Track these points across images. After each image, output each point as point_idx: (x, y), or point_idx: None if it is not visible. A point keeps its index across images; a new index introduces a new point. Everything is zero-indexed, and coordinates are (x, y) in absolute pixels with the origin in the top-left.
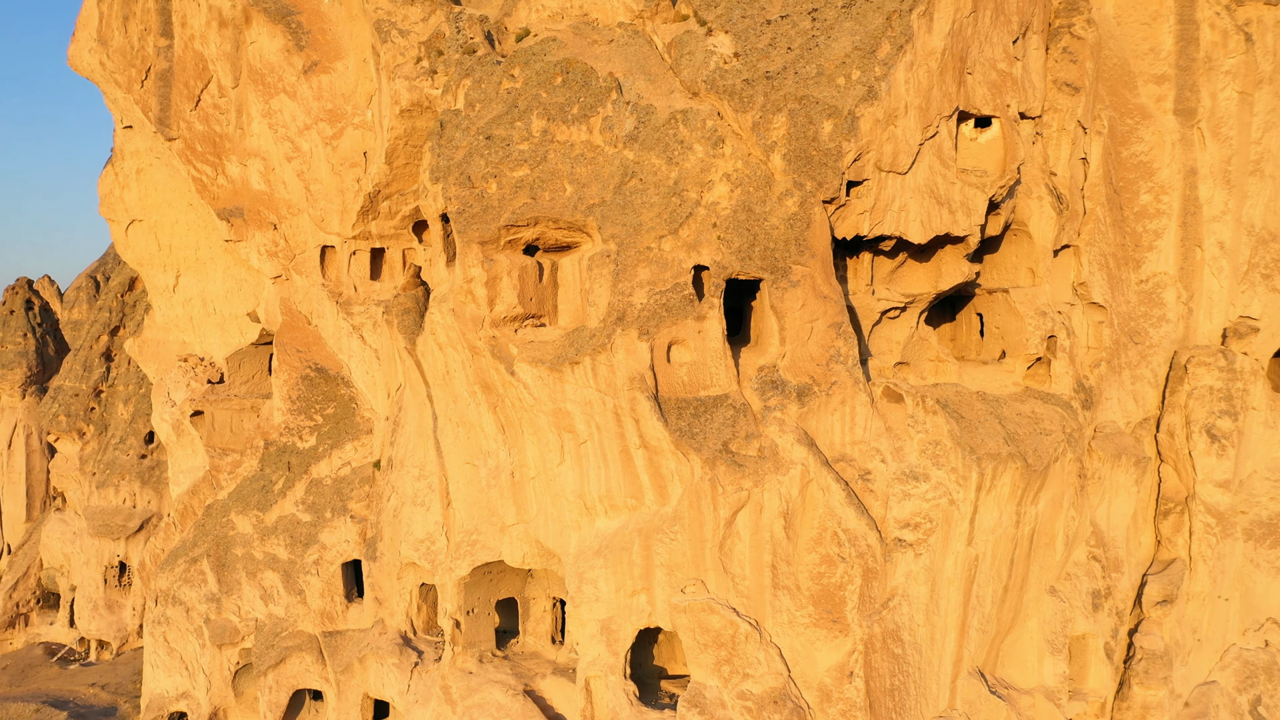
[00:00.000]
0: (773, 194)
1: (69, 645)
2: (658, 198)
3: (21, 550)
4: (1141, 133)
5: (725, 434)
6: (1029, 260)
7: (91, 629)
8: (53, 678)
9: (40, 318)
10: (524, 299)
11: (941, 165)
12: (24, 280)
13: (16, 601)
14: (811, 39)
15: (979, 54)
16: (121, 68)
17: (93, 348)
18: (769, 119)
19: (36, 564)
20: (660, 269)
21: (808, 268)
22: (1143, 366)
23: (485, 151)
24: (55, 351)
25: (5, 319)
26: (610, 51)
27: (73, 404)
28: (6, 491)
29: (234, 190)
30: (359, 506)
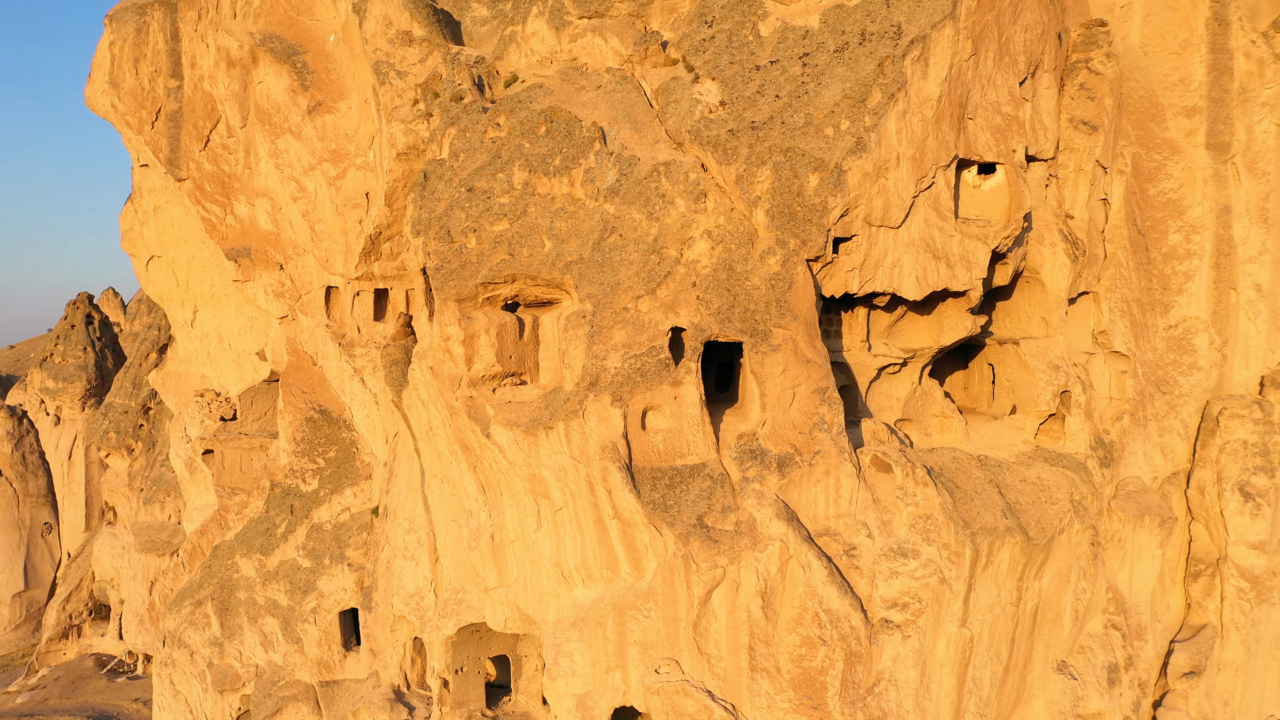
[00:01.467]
0: (755, 252)
1: (118, 657)
2: (637, 255)
3: (75, 563)
4: (1170, 169)
5: (701, 507)
6: (1042, 309)
7: (138, 643)
8: (100, 690)
9: (100, 331)
10: (502, 357)
11: (938, 217)
12: (84, 295)
13: (70, 613)
14: (801, 86)
15: (981, 98)
16: (133, 109)
17: (142, 365)
18: (753, 172)
19: (89, 576)
20: (636, 331)
21: (789, 331)
22: (1171, 418)
23: (466, 204)
24: (114, 365)
25: (66, 333)
26: (597, 98)
27: (122, 420)
28: (67, 501)
29: (242, 230)
30: (356, 554)
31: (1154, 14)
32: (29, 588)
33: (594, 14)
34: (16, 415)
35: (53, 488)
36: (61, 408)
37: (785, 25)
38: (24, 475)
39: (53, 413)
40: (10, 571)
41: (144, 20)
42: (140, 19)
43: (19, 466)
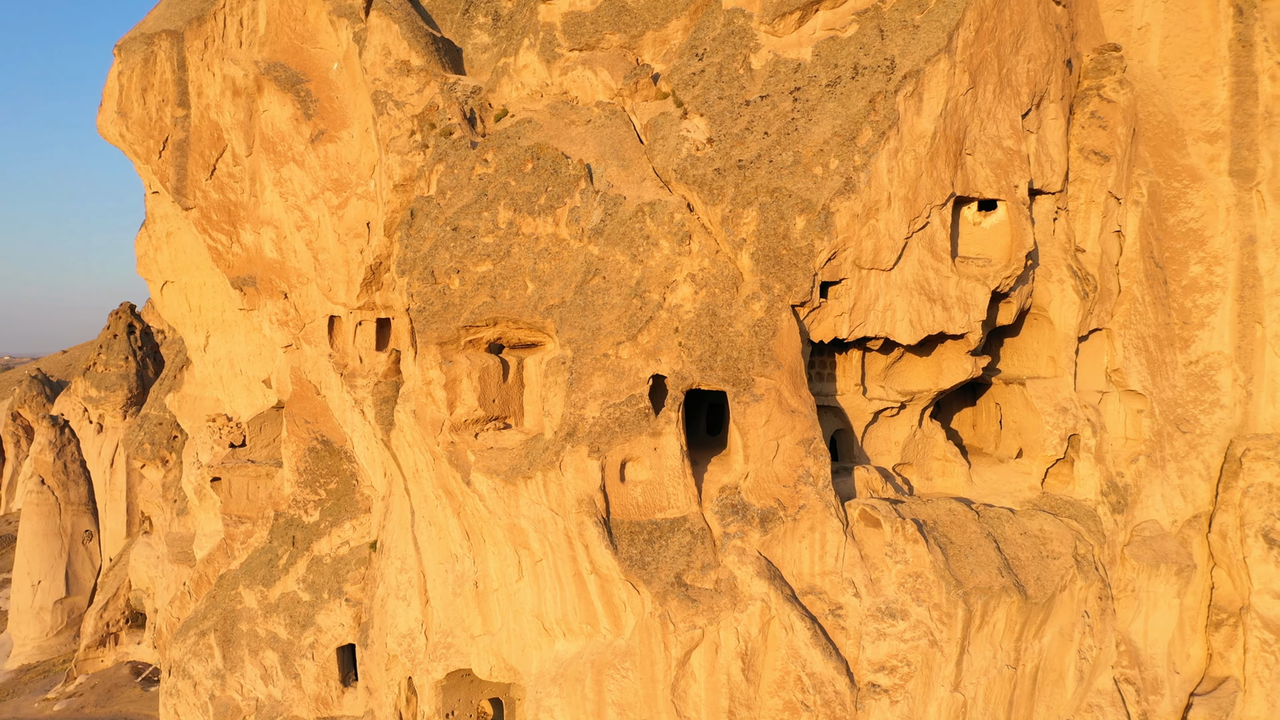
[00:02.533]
0: (739, 296)
1: (154, 665)
2: (619, 298)
3: (113, 571)
4: (1191, 197)
5: (680, 564)
6: (1050, 348)
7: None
8: (134, 699)
9: (141, 341)
10: (485, 401)
11: (933, 259)
12: (127, 305)
13: (107, 621)
14: (790, 122)
15: (980, 132)
16: (140, 139)
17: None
18: (739, 213)
19: (126, 585)
20: (616, 378)
21: (772, 380)
22: (1192, 458)
23: (451, 244)
24: (154, 374)
25: (109, 343)
26: (586, 134)
27: (156, 432)
28: (109, 509)
29: (248, 258)
30: (354, 589)
31: (1174, 36)
32: (70, 594)
33: (585, 46)
34: (58, 425)
35: (93, 496)
36: (104, 416)
37: (777, 58)
38: (65, 484)
39: (95, 420)
40: (52, 578)
41: (151, 50)
42: (148, 49)
43: (60, 475)
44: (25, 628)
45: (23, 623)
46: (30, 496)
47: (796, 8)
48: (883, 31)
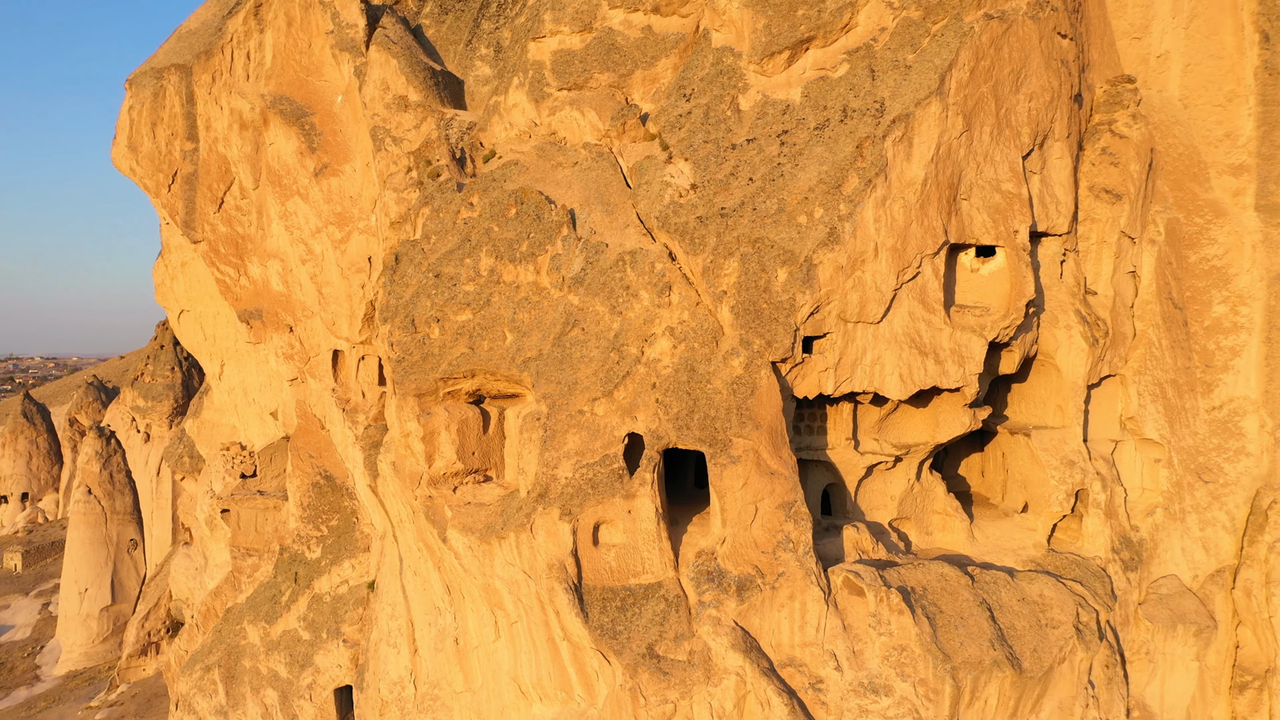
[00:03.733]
0: (719, 352)
1: None
2: (597, 351)
3: (154, 581)
4: (1214, 233)
5: (652, 634)
6: (1057, 396)
7: None
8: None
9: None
10: (464, 454)
11: (925, 310)
12: None
13: (148, 630)
14: (776, 167)
15: (977, 176)
16: (150, 173)
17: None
18: (720, 264)
19: (166, 595)
20: (591, 437)
21: (750, 441)
22: (1215, 509)
23: (433, 291)
24: (199, 384)
25: (156, 353)
26: (572, 176)
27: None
28: (155, 517)
29: (255, 291)
30: (352, 630)
31: (1195, 64)
32: (115, 602)
33: (573, 85)
34: (105, 436)
35: (138, 505)
36: (151, 425)
37: (766, 99)
38: (111, 493)
39: (143, 430)
40: (98, 586)
41: (161, 84)
42: (157, 83)
43: (106, 485)
44: (72, 634)
45: (70, 629)
46: (77, 506)
47: (785, 47)
48: (874, 72)
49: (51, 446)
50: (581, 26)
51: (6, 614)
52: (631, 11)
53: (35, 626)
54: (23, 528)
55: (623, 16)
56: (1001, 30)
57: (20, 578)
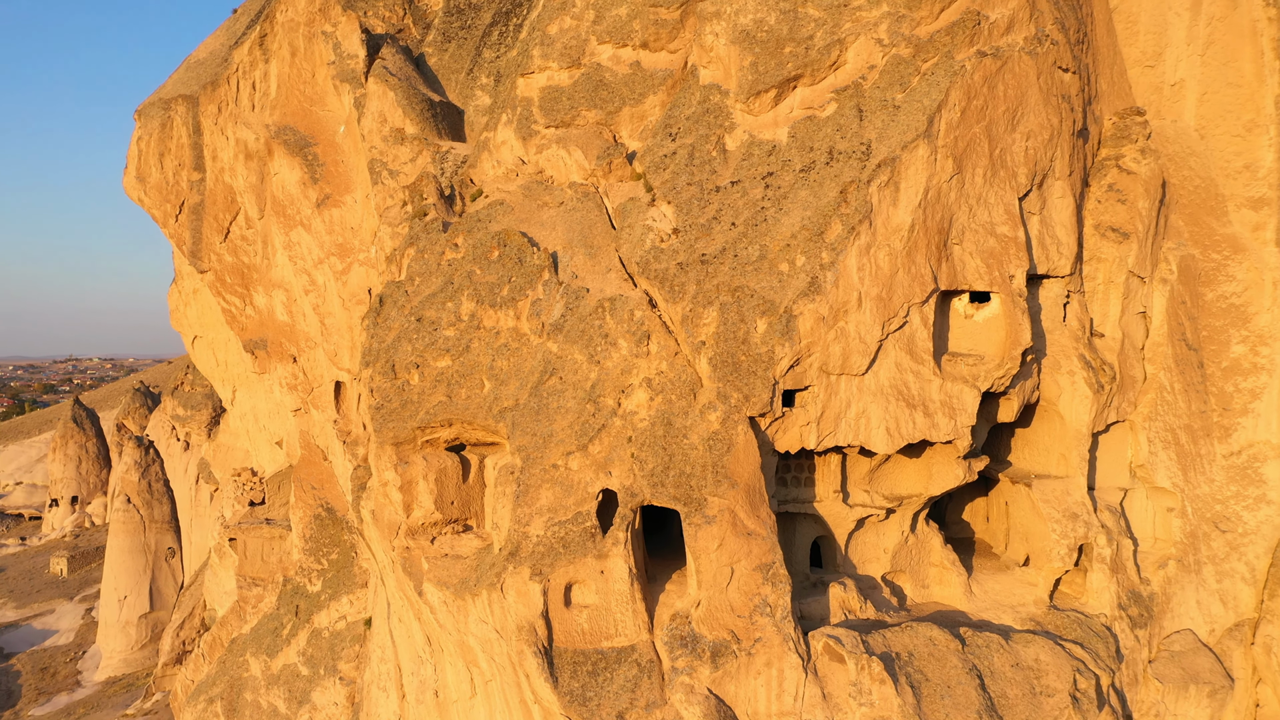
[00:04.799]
0: (696, 405)
1: None
2: (574, 402)
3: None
4: (1232, 269)
5: (623, 701)
6: (1060, 444)
7: None
8: None
9: None
10: (443, 504)
11: (913, 361)
12: None
13: (183, 639)
14: (760, 211)
15: (969, 220)
16: (158, 203)
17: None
18: (699, 313)
19: (201, 604)
20: (564, 493)
21: (726, 500)
22: (1234, 560)
23: (414, 336)
24: None
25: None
26: (557, 217)
27: None
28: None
29: (260, 321)
30: (348, 667)
31: (1212, 92)
32: (154, 609)
33: (560, 123)
34: (143, 445)
35: (176, 514)
36: (190, 434)
37: (752, 139)
38: (150, 502)
39: (182, 438)
40: (137, 593)
41: (168, 115)
42: (165, 114)
43: (145, 494)
44: (112, 641)
45: (110, 636)
46: (117, 514)
47: (772, 85)
48: (862, 111)
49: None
50: (570, 62)
51: (51, 619)
52: (620, 47)
53: (78, 632)
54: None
55: (611, 52)
56: (995, 67)
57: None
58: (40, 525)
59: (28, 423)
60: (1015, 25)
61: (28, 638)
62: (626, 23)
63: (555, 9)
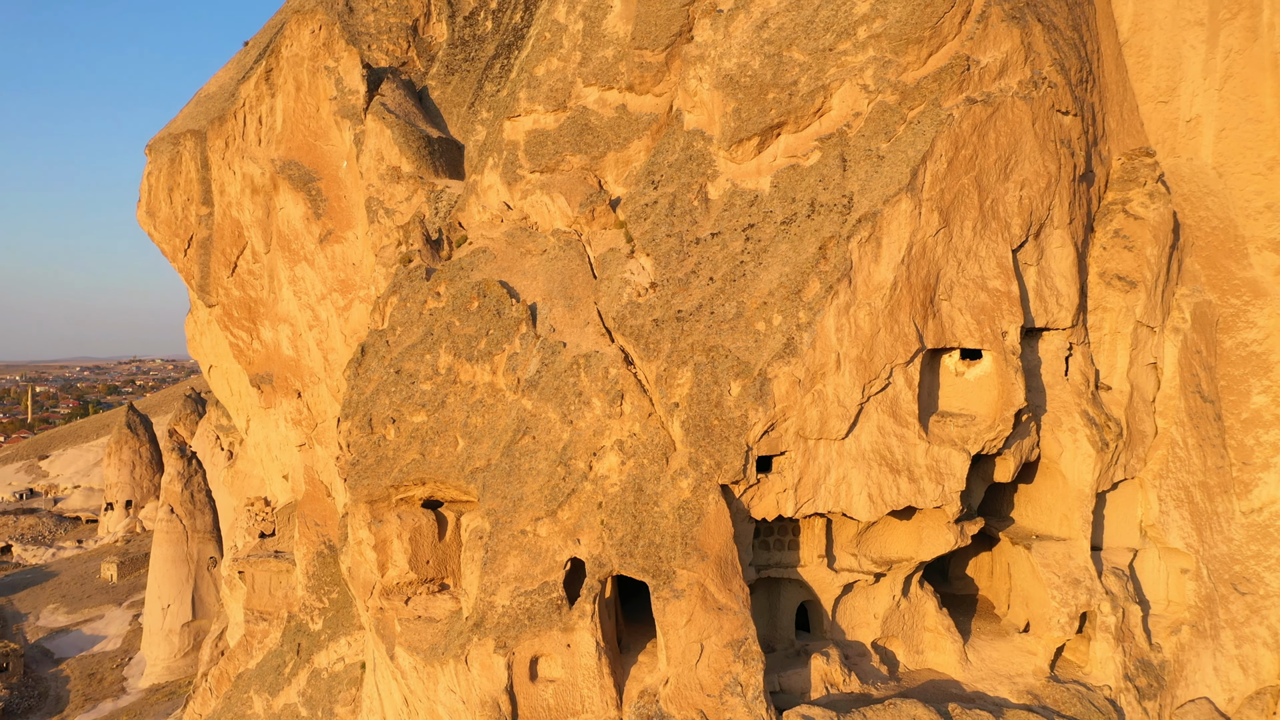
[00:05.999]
0: (668, 470)
1: None
2: (545, 464)
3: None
4: (1253, 315)
5: None
6: (1062, 504)
7: None
8: None
9: None
10: (418, 563)
11: (896, 424)
12: None
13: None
14: (739, 266)
15: (958, 274)
16: (167, 237)
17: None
18: (673, 373)
19: None
20: (532, 561)
21: (695, 573)
22: (1254, 623)
23: (392, 389)
24: None
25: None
26: (539, 265)
27: None
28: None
29: (267, 355)
30: (345, 711)
31: (1231, 128)
32: (196, 618)
33: (545, 168)
34: (186, 456)
35: (218, 524)
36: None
37: (735, 188)
38: (192, 512)
39: (225, 448)
40: (180, 602)
41: (177, 150)
42: (174, 149)
43: (188, 504)
44: (156, 649)
45: (154, 644)
46: (160, 524)
47: (755, 133)
48: (845, 161)
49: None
50: (556, 105)
51: (100, 624)
52: (606, 89)
53: (125, 638)
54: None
55: (597, 95)
56: (986, 115)
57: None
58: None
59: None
60: (1009, 69)
61: (77, 643)
62: (612, 65)
63: (543, 50)
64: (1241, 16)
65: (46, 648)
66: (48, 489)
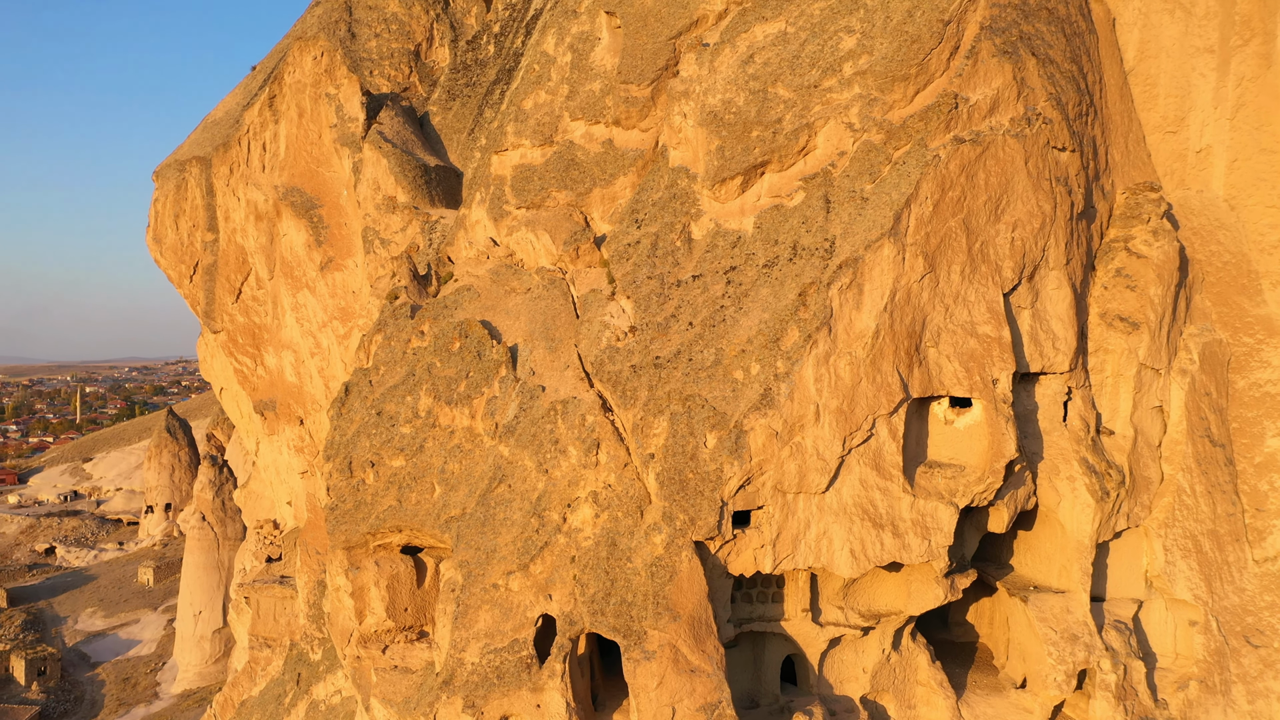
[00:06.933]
0: (642, 524)
1: None
2: (520, 515)
3: None
4: (1267, 354)
5: None
6: (1060, 554)
7: None
8: None
9: None
10: (395, 611)
11: (879, 477)
12: None
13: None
14: (719, 310)
15: (945, 320)
16: (173, 264)
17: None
18: (649, 422)
19: None
20: (503, 616)
21: (667, 634)
22: (1268, 677)
23: (373, 431)
24: None
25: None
26: (522, 305)
27: None
28: None
29: (270, 381)
30: None
31: (1244, 159)
32: (226, 625)
33: (531, 204)
34: (217, 464)
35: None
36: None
37: (718, 228)
38: (223, 520)
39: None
40: (211, 609)
41: (183, 177)
42: (180, 175)
43: (219, 512)
44: (188, 655)
45: (186, 650)
46: (192, 532)
47: (738, 172)
48: (829, 203)
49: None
50: (543, 140)
51: (136, 629)
52: (593, 124)
53: (160, 643)
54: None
55: (584, 129)
56: (975, 155)
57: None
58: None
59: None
60: (1000, 106)
61: (113, 647)
62: (599, 99)
63: (531, 82)
64: (1254, 43)
65: (84, 651)
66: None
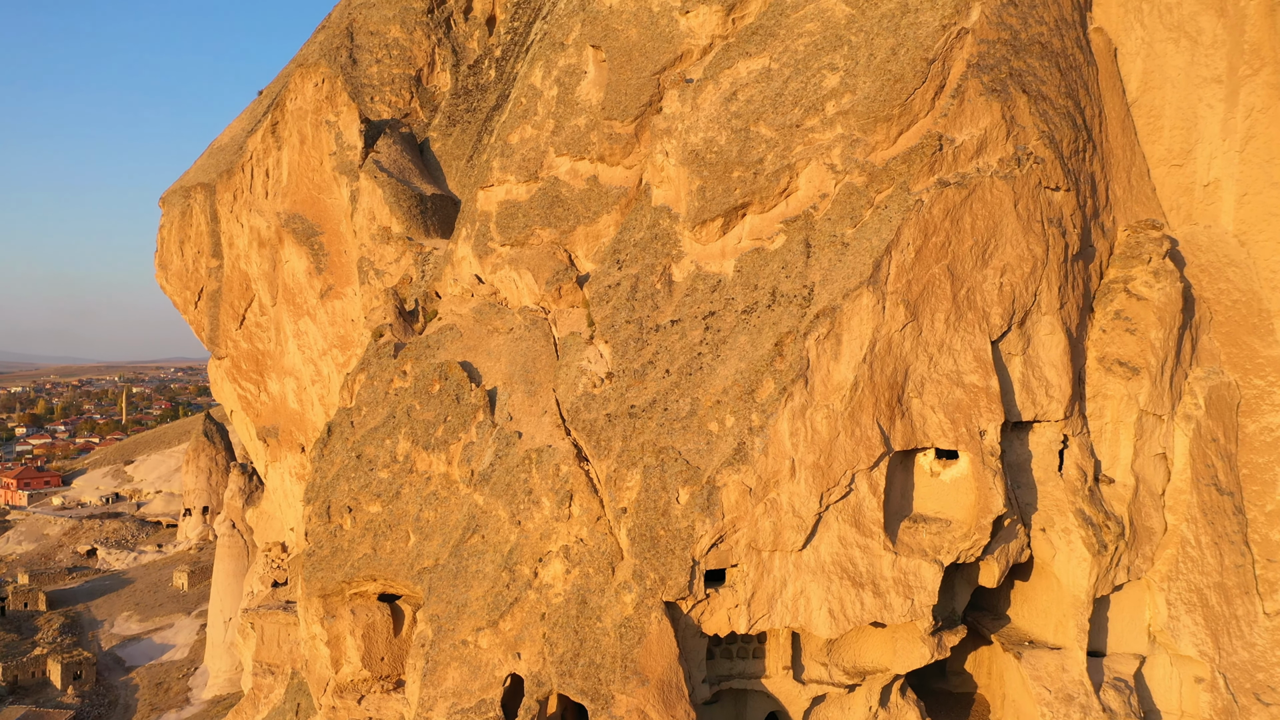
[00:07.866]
0: (613, 582)
1: None
2: (492, 568)
3: None
4: (1279, 397)
5: None
6: (1056, 608)
7: None
8: None
9: None
10: (372, 660)
11: (859, 534)
12: None
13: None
14: (696, 358)
15: (929, 370)
16: (179, 290)
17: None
18: (623, 474)
19: None
20: (471, 675)
21: (635, 699)
22: None
23: (352, 475)
24: None
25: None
26: (504, 346)
27: None
28: None
29: (274, 407)
30: None
31: (1254, 192)
32: None
33: (515, 242)
34: (246, 472)
35: None
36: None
37: (698, 271)
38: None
39: None
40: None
41: (188, 203)
42: (185, 202)
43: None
44: (218, 661)
45: (216, 656)
46: (222, 538)
47: (719, 213)
48: (810, 247)
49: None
50: (528, 175)
51: (169, 633)
52: (578, 160)
53: (192, 647)
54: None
55: (569, 165)
56: (960, 198)
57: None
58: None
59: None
60: (987, 147)
61: (147, 651)
62: (584, 134)
63: (518, 116)
64: (1264, 72)
65: (119, 655)
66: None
